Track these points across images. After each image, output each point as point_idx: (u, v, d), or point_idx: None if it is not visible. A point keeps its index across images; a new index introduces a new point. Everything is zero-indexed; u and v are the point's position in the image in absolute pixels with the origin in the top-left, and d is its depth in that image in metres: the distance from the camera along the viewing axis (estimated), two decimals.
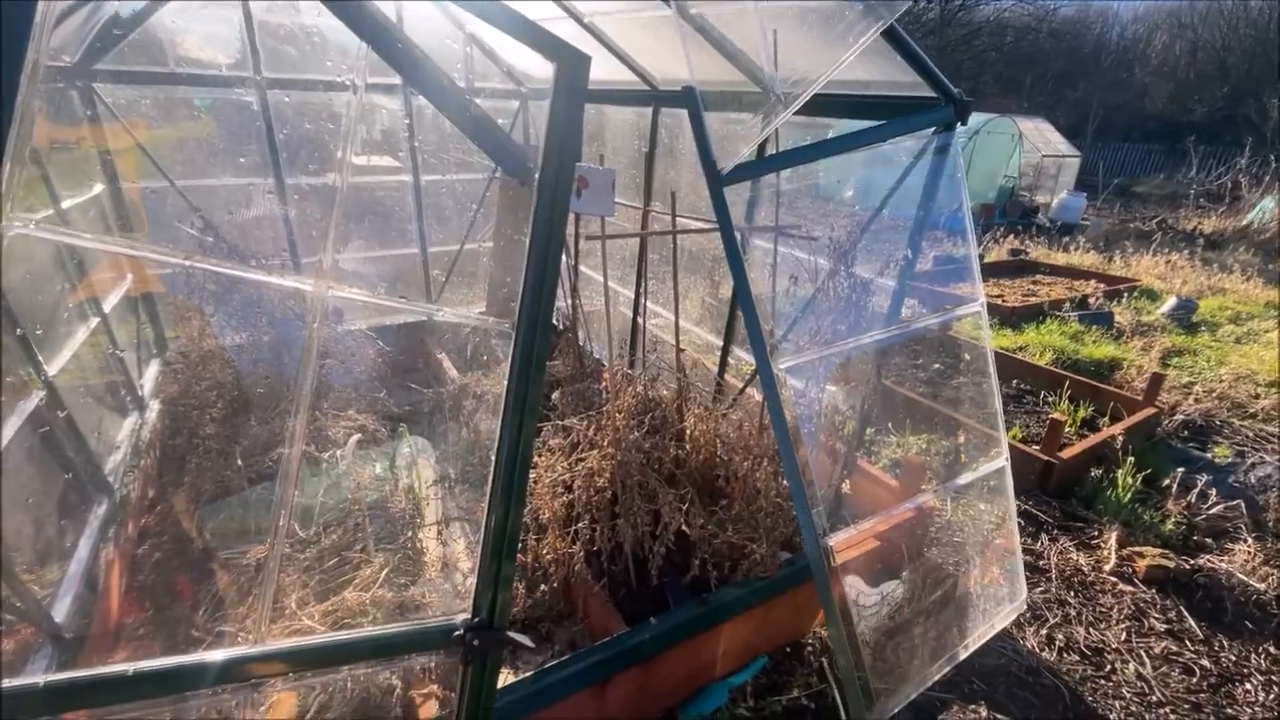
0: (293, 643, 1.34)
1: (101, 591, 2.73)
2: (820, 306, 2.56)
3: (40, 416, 2.67)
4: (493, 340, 4.60)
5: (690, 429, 2.90)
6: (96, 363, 3.72)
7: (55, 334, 3.17)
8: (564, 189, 1.39)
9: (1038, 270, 10.63)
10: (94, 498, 3.02)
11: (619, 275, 5.12)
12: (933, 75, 2.27)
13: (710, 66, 3.04)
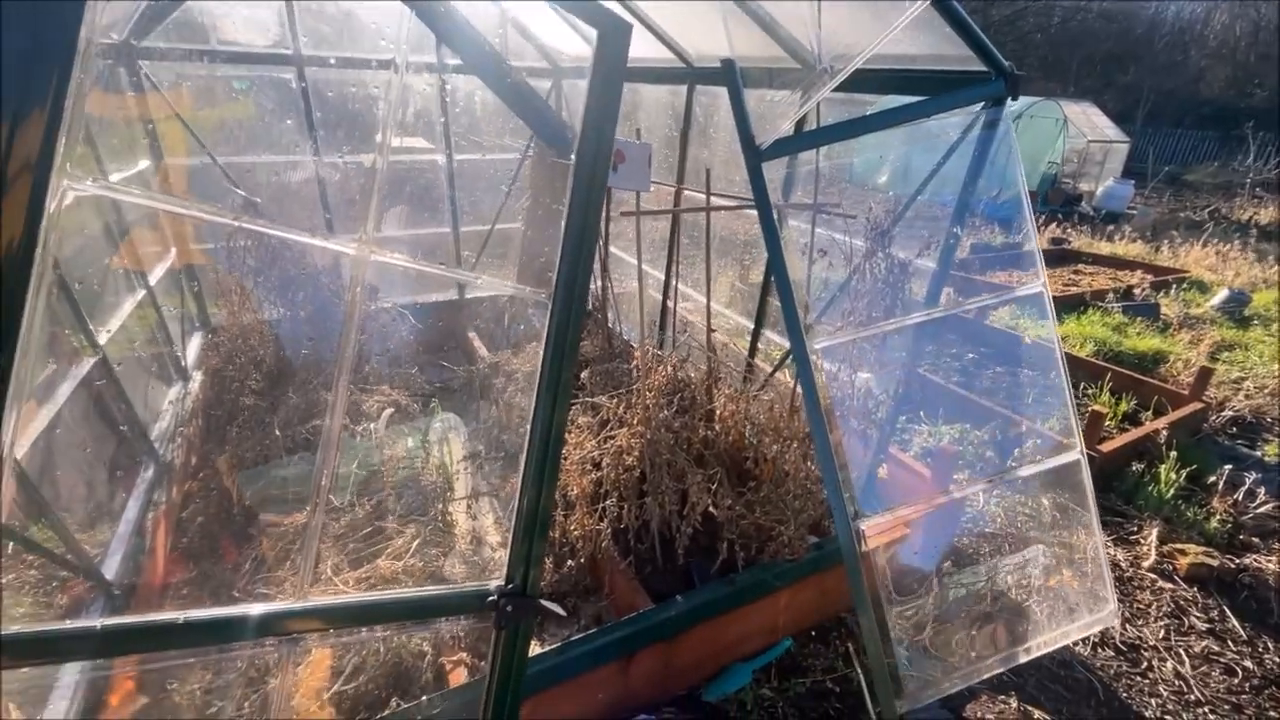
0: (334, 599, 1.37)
1: (148, 552, 2.84)
2: (857, 288, 2.51)
3: (92, 382, 2.78)
4: (529, 310, 4.63)
5: (720, 410, 2.88)
6: (143, 333, 3.84)
7: (104, 304, 3.28)
8: (604, 155, 1.37)
9: (1080, 260, 10.28)
10: (141, 462, 3.13)
11: (649, 258, 5.09)
12: (983, 46, 2.18)
13: (749, 42, 2.98)
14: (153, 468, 3.15)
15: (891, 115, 2.21)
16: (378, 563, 2.70)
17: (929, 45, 2.44)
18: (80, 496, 2.81)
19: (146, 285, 3.80)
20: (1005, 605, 2.92)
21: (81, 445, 2.79)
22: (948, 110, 2.26)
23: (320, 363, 3.83)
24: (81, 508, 2.90)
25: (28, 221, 0.94)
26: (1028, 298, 2.56)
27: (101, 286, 3.40)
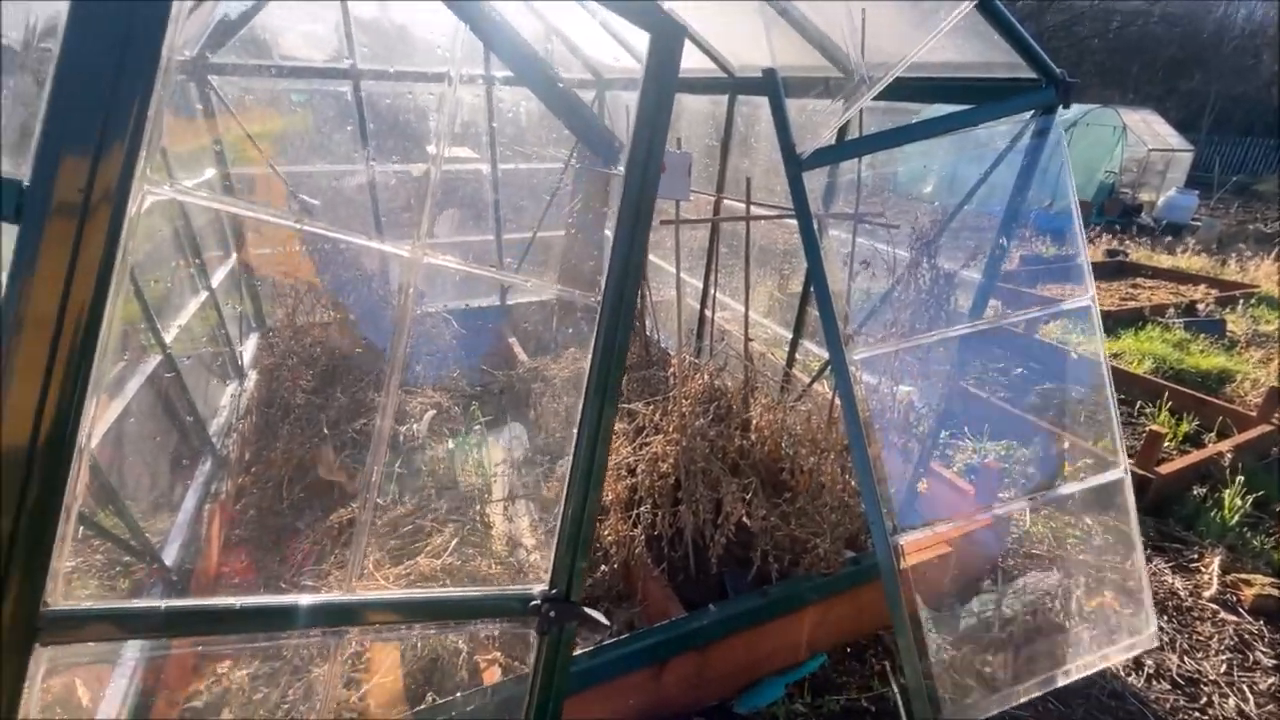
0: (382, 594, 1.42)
1: (204, 541, 2.98)
2: (899, 299, 2.47)
3: (158, 378, 2.94)
4: (577, 314, 4.69)
5: (756, 419, 2.87)
6: (205, 332, 4.05)
7: (171, 304, 3.48)
8: (656, 156, 1.39)
9: (1138, 273, 9.85)
10: (200, 455, 3.29)
11: (687, 266, 5.10)
12: (1032, 53, 2.14)
13: (791, 51, 2.98)
14: (210, 460, 3.31)
15: (936, 124, 2.18)
16: (418, 560, 2.77)
17: (975, 52, 2.40)
18: (145, 486, 2.97)
19: (209, 286, 4.01)
20: (1045, 626, 2.82)
21: (147, 437, 2.96)
22: (995, 119, 2.21)
23: (369, 363, 3.96)
24: (145, 496, 3.07)
25: (110, 229, 1.02)
26: (1075, 311, 2.48)
27: (169, 287, 3.60)
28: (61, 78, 0.94)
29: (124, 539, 2.56)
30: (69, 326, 1.00)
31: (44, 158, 0.94)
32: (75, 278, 0.99)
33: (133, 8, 0.97)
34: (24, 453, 1.00)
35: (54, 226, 0.95)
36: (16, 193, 0.91)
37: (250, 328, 4.80)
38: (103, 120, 0.97)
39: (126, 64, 0.98)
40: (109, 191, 0.99)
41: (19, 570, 1.04)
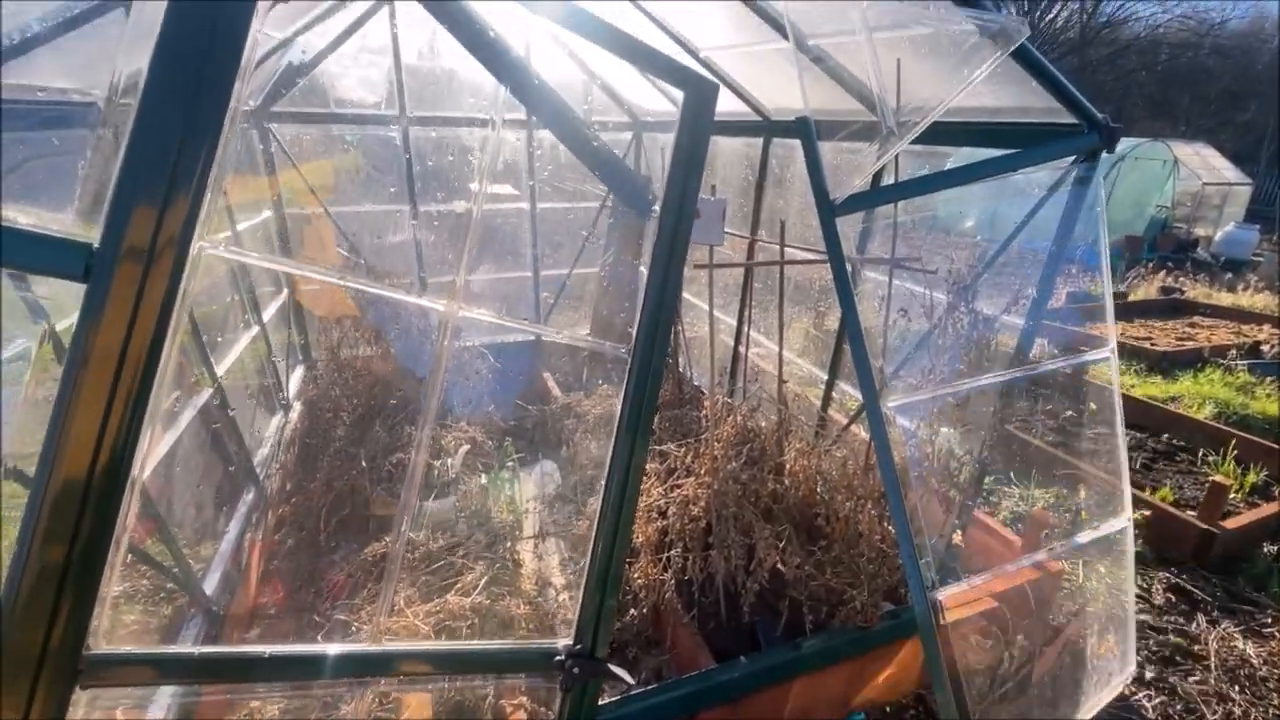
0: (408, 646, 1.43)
1: (243, 571, 3.06)
2: (936, 344, 2.42)
3: (208, 411, 3.06)
4: (607, 364, 4.73)
5: (790, 463, 2.81)
6: (254, 364, 4.22)
7: (224, 339, 3.64)
8: (687, 215, 1.42)
9: (1195, 311, 9.43)
10: (244, 486, 3.40)
11: (720, 303, 5.11)
12: (1072, 98, 2.11)
13: (825, 96, 3.01)
14: (253, 491, 3.41)
15: (974, 170, 2.15)
16: (447, 598, 2.78)
17: (1012, 97, 2.38)
18: (191, 515, 3.07)
19: (260, 321, 4.19)
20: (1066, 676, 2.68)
21: (196, 469, 3.07)
22: (1035, 165, 2.18)
23: (407, 398, 4.05)
24: (191, 525, 3.17)
25: (173, 273, 1.08)
26: (1097, 361, 2.40)
27: (223, 322, 3.78)
28: (138, 128, 1.02)
29: (168, 567, 2.64)
30: (130, 363, 1.05)
31: (118, 205, 1.01)
32: (138, 318, 1.05)
33: (204, 63, 1.04)
34: (81, 483, 1.05)
35: (122, 271, 1.02)
36: (86, 254, 0.98)
37: (297, 360, 4.98)
38: (172, 169, 1.04)
39: (197, 116, 1.05)
40: (173, 237, 1.06)
41: (69, 603, 1.08)
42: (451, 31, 1.28)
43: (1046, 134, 2.30)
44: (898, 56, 2.11)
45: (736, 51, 3.49)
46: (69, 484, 1.04)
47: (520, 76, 1.32)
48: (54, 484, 1.02)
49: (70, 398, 1.02)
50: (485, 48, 1.29)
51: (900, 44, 2.21)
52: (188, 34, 1.03)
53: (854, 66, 2.71)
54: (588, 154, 1.45)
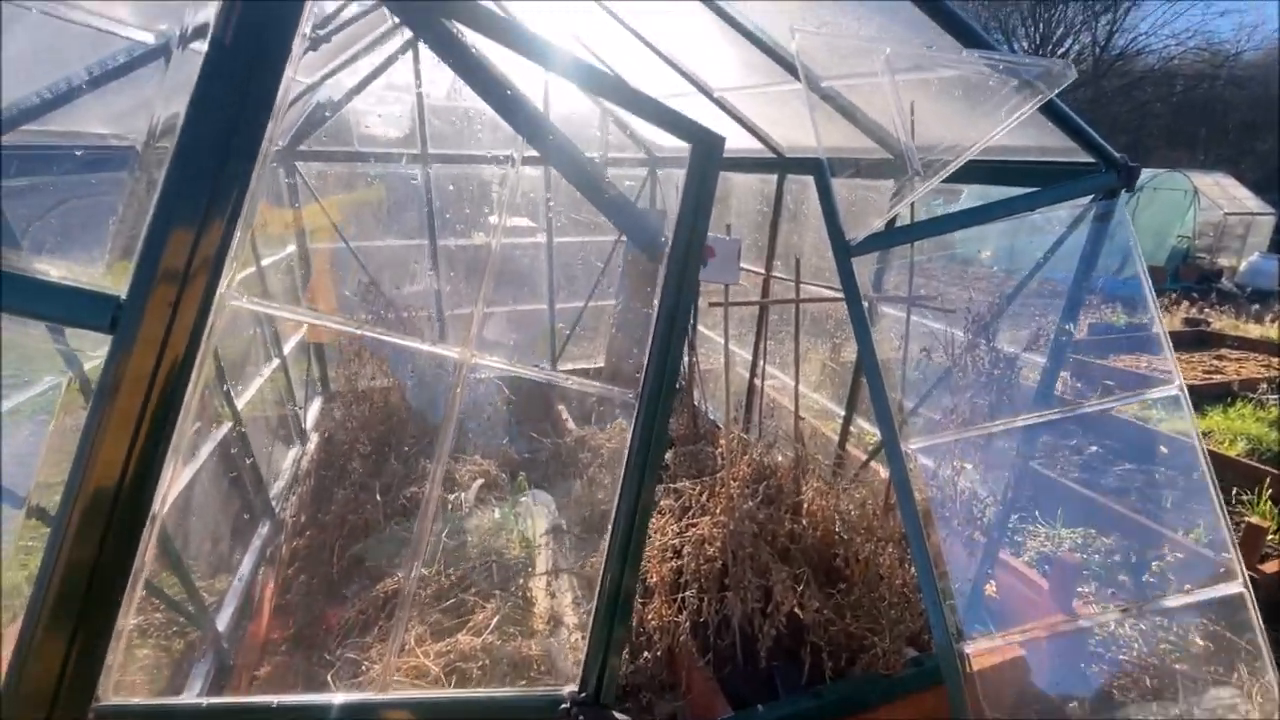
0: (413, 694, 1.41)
1: (256, 605, 3.04)
2: (958, 383, 2.38)
3: (228, 444, 3.10)
4: (615, 409, 4.72)
5: (808, 503, 2.76)
6: (273, 396, 4.27)
7: (246, 372, 3.70)
8: (694, 259, 1.43)
9: (1223, 343, 9.23)
10: (260, 519, 3.41)
11: (736, 335, 5.10)
12: (1092, 142, 2.10)
13: (839, 134, 3.04)
14: (268, 524, 3.42)
15: (990, 210, 2.15)
16: (458, 637, 2.74)
17: (1029, 137, 2.38)
18: (206, 549, 3.08)
19: (281, 354, 4.25)
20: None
21: (213, 502, 3.09)
22: (1053, 204, 2.17)
23: (423, 430, 4.07)
24: (206, 559, 3.18)
25: (204, 298, 1.10)
26: (1162, 400, 2.32)
27: (244, 356, 3.84)
28: (174, 168, 1.05)
29: (181, 603, 2.64)
30: (154, 401, 1.07)
31: (149, 248, 1.04)
32: (170, 341, 1.07)
33: (239, 108, 1.08)
34: (103, 516, 1.06)
35: (157, 294, 1.04)
36: (113, 307, 1.00)
37: (315, 391, 5.04)
38: (208, 201, 1.08)
39: (231, 157, 1.09)
40: (207, 262, 1.09)
41: (84, 638, 1.07)
42: (471, 85, 1.32)
43: (1063, 172, 2.29)
44: (911, 99, 2.13)
45: (750, 92, 3.55)
46: (91, 516, 1.05)
47: (536, 128, 1.35)
48: (76, 517, 1.03)
49: (95, 433, 1.03)
50: (503, 100, 1.33)
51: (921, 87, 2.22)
52: (225, 81, 1.07)
53: (868, 108, 2.74)
54: (602, 201, 1.47)
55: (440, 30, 1.26)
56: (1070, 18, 30.55)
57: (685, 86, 3.81)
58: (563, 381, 1.43)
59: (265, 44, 1.10)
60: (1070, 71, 1.65)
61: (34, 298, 1.02)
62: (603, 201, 1.49)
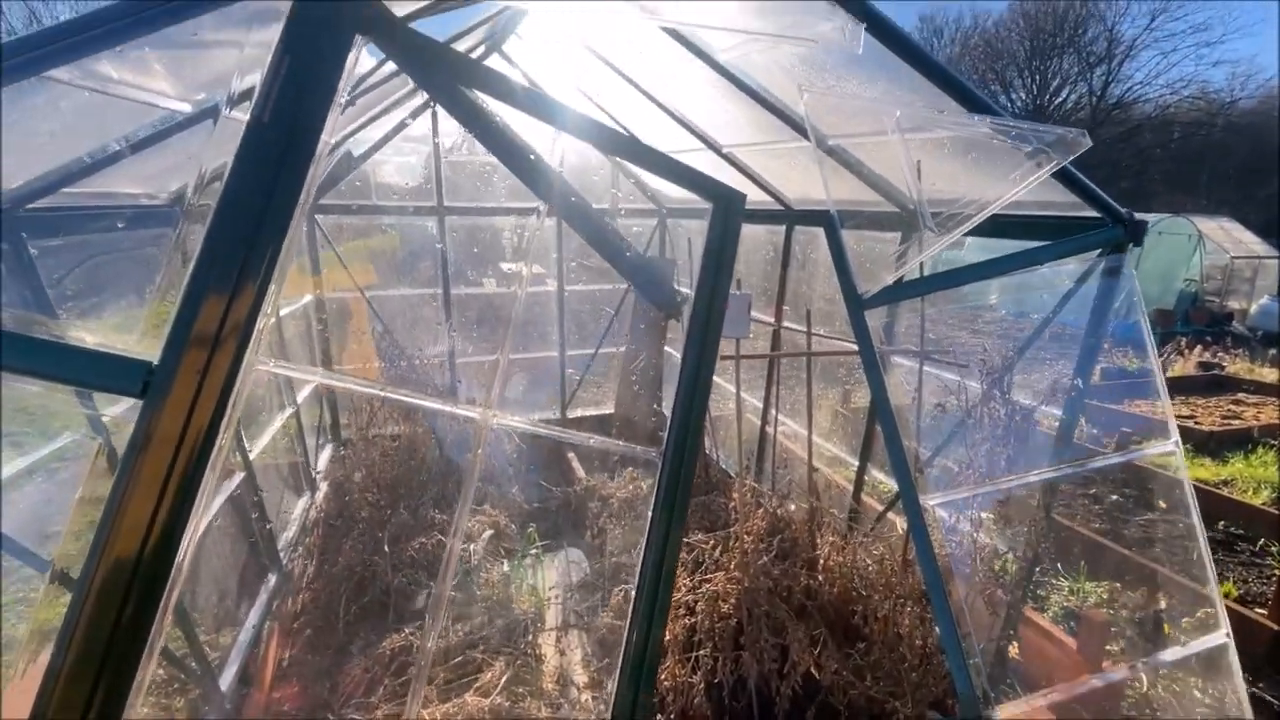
0: None
1: (260, 661, 2.98)
2: (973, 435, 2.36)
3: (239, 495, 3.09)
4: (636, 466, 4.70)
5: (824, 558, 2.71)
6: (285, 443, 4.28)
7: (259, 420, 3.72)
8: (715, 324, 1.45)
9: (1238, 387, 9.12)
10: (267, 570, 3.37)
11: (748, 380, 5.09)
12: (1094, 196, 2.14)
13: (845, 188, 3.11)
14: (275, 576, 3.38)
15: (1000, 264, 2.17)
16: (466, 698, 2.66)
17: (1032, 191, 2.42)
18: (213, 602, 3.04)
19: (294, 401, 4.28)
20: None
21: (221, 554, 3.06)
22: (1064, 257, 2.19)
23: (434, 476, 4.05)
24: (213, 612, 3.13)
25: (234, 359, 1.12)
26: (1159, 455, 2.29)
27: (259, 403, 3.87)
28: (213, 228, 1.10)
29: (184, 660, 2.59)
30: (186, 451, 1.08)
31: (191, 292, 1.07)
32: (199, 404, 1.08)
33: (276, 174, 1.13)
34: (130, 564, 1.05)
35: (189, 358, 1.06)
36: (145, 372, 1.03)
37: (326, 439, 5.05)
38: (243, 260, 1.11)
39: (270, 211, 1.14)
40: (239, 324, 1.11)
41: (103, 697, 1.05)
42: (493, 151, 1.37)
43: (1068, 226, 2.32)
44: (919, 158, 2.19)
45: (756, 148, 3.65)
46: (114, 577, 1.05)
47: (556, 193, 1.40)
48: (99, 579, 1.03)
49: (122, 495, 1.04)
50: (524, 166, 1.37)
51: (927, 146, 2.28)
52: (263, 152, 1.13)
53: (876, 165, 2.81)
54: (621, 262, 1.50)
55: (463, 100, 1.32)
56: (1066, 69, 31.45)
57: (694, 143, 3.93)
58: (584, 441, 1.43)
59: (302, 118, 1.15)
60: (1086, 140, 1.70)
61: (67, 364, 1.04)
62: (622, 262, 1.52)
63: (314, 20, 1.17)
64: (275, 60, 1.16)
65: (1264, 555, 4.64)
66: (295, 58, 1.14)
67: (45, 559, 1.62)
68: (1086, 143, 1.71)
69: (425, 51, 1.24)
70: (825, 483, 3.93)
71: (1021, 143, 1.92)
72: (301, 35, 1.14)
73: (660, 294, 1.61)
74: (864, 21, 1.64)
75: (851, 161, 2.89)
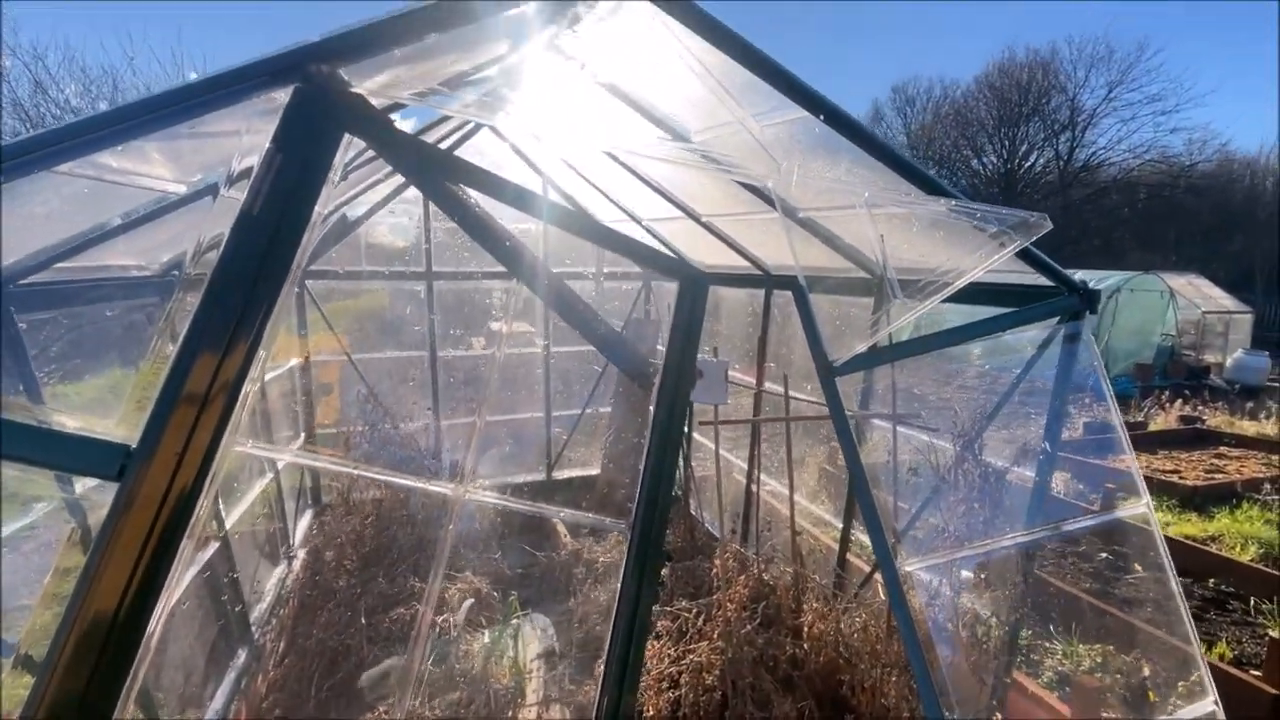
0: None
1: None
2: (949, 498, 2.39)
3: (212, 567, 3.02)
4: (617, 506, 4.66)
5: (808, 625, 2.67)
6: (263, 509, 4.20)
7: (238, 488, 3.67)
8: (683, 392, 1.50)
9: (1220, 440, 9.23)
10: (237, 647, 3.25)
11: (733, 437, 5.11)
12: (1050, 268, 2.26)
13: (820, 256, 3.23)
14: (245, 652, 3.26)
15: (967, 331, 2.26)
16: None
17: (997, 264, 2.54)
18: (179, 681, 2.92)
19: (275, 467, 4.23)
20: None
21: (190, 629, 2.97)
22: (1024, 324, 2.29)
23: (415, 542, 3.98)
24: (177, 691, 3.00)
25: (220, 419, 1.15)
26: (1130, 519, 2.33)
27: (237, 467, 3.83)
28: (211, 287, 1.15)
29: None
30: (169, 508, 1.09)
31: (185, 349, 1.10)
32: (178, 475, 1.10)
33: (277, 229, 1.19)
34: (100, 639, 1.04)
35: (170, 434, 1.09)
36: (123, 455, 1.05)
37: (307, 503, 4.97)
38: (236, 322, 1.16)
39: (262, 280, 1.20)
40: (228, 384, 1.15)
41: None
42: (476, 239, 1.44)
43: (1030, 294, 2.43)
44: (883, 232, 2.30)
45: (735, 218, 3.81)
46: (86, 644, 1.04)
47: (534, 275, 1.47)
48: (70, 647, 1.02)
49: (111, 541, 1.05)
50: (505, 252, 1.45)
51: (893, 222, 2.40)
52: (264, 213, 1.20)
53: (846, 236, 2.94)
54: (595, 337, 1.56)
55: (444, 190, 1.40)
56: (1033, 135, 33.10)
57: (676, 211, 4.09)
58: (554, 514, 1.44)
59: (291, 212, 1.22)
60: (1046, 223, 1.82)
61: (44, 448, 1.06)
62: (596, 338, 1.58)
63: (305, 120, 1.26)
64: (268, 157, 1.24)
65: (1257, 615, 4.60)
66: (287, 156, 1.22)
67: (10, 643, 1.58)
68: (1047, 225, 1.83)
69: (407, 148, 1.33)
70: (811, 544, 3.90)
71: (985, 224, 2.04)
72: (292, 137, 1.23)
73: (633, 364, 1.66)
74: (820, 113, 1.77)
75: (823, 232, 3.03)
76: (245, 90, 1.27)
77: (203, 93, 1.27)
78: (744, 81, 1.90)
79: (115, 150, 1.55)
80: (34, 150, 1.20)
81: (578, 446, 6.32)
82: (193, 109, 1.31)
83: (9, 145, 1.18)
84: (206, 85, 1.27)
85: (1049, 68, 31.84)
